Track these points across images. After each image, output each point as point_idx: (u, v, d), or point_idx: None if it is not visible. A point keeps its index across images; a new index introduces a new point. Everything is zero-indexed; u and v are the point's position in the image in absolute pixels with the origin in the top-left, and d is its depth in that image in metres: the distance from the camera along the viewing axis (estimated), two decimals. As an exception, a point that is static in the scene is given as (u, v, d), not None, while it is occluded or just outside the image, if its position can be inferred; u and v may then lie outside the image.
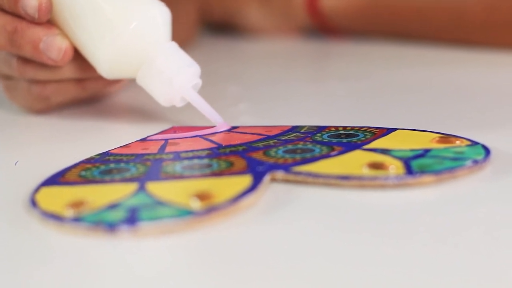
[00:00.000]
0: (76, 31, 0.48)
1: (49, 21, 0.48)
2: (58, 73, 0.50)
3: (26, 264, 0.33)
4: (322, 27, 0.76)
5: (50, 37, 0.48)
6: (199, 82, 0.48)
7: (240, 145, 0.43)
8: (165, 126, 0.49)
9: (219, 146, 0.43)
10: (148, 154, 0.43)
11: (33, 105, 0.52)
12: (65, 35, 0.48)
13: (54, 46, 0.48)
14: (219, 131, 0.46)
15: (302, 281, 0.30)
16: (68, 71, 0.50)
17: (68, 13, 0.48)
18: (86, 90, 0.52)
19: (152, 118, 0.51)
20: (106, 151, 0.44)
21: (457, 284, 0.30)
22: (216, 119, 0.47)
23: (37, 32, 0.48)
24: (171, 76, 0.47)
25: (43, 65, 0.49)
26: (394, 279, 0.30)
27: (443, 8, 0.69)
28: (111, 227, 0.34)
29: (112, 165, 0.41)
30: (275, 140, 0.44)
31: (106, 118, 0.52)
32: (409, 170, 0.38)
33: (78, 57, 0.49)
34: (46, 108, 0.53)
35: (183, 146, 0.44)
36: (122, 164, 0.41)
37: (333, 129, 0.45)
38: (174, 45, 0.48)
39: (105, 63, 0.48)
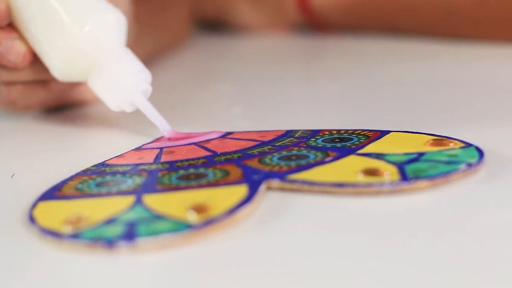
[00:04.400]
0: (33, 34, 0.49)
1: (10, 24, 0.49)
2: (21, 74, 0.51)
3: (27, 281, 0.33)
4: (314, 24, 0.77)
5: (10, 41, 0.49)
6: (149, 88, 0.48)
7: (235, 152, 0.43)
8: (158, 133, 0.48)
9: (214, 154, 0.43)
10: (144, 164, 0.43)
11: (4, 106, 0.53)
12: (24, 38, 0.49)
13: (13, 50, 0.49)
14: (212, 138, 0.46)
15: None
16: (30, 72, 0.51)
17: (26, 16, 0.49)
18: (51, 91, 0.53)
19: (144, 125, 0.51)
20: (102, 162, 0.44)
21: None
22: (164, 127, 0.47)
23: None
24: (120, 80, 0.47)
25: (5, 67, 0.50)
26: (391, 284, 0.30)
27: (433, 2, 0.69)
28: (109, 243, 0.34)
29: (108, 177, 0.41)
30: (269, 146, 0.44)
31: (98, 125, 0.53)
32: (404, 176, 0.38)
33: (39, 59, 0.50)
34: (19, 109, 0.53)
35: (178, 155, 0.44)
36: (119, 176, 0.41)
37: (327, 133, 0.45)
38: (127, 51, 0.48)
39: (58, 65, 0.48)
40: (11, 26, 0.49)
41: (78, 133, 0.52)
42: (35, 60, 0.50)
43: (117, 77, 0.47)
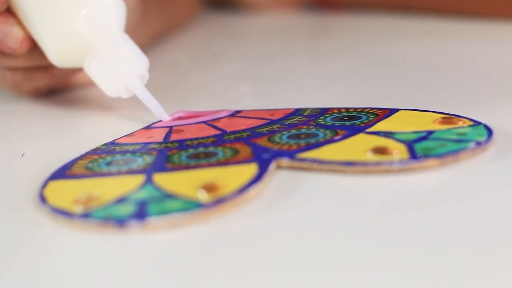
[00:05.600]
0: (30, 20, 0.48)
1: (8, 10, 0.49)
2: (20, 61, 0.51)
3: (39, 260, 0.33)
4: (321, 2, 0.76)
5: (8, 27, 0.49)
6: (146, 74, 0.47)
7: (244, 130, 0.44)
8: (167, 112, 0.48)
9: (224, 133, 0.44)
10: (154, 143, 0.43)
11: (10, 90, 0.53)
12: (22, 24, 0.49)
13: (11, 36, 0.49)
14: (222, 116, 0.47)
15: (313, 268, 0.31)
16: (30, 59, 0.51)
17: (23, 1, 0.48)
18: (54, 76, 0.53)
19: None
20: (112, 141, 0.44)
21: (464, 267, 0.30)
22: (161, 113, 0.47)
23: None
24: (116, 64, 0.47)
25: (4, 53, 0.50)
26: (400, 262, 0.31)
27: None
28: (120, 222, 0.34)
29: (118, 156, 0.41)
30: (278, 125, 0.44)
31: (101, 107, 0.53)
32: (413, 154, 0.38)
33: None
34: (24, 94, 0.54)
35: (188, 133, 0.44)
36: (128, 155, 0.41)
37: (335, 111, 0.45)
38: (124, 35, 0.48)
39: (55, 50, 0.48)
40: (9, 11, 0.49)
41: (82, 115, 0.51)
42: (35, 46, 0.50)
43: (113, 62, 0.47)
